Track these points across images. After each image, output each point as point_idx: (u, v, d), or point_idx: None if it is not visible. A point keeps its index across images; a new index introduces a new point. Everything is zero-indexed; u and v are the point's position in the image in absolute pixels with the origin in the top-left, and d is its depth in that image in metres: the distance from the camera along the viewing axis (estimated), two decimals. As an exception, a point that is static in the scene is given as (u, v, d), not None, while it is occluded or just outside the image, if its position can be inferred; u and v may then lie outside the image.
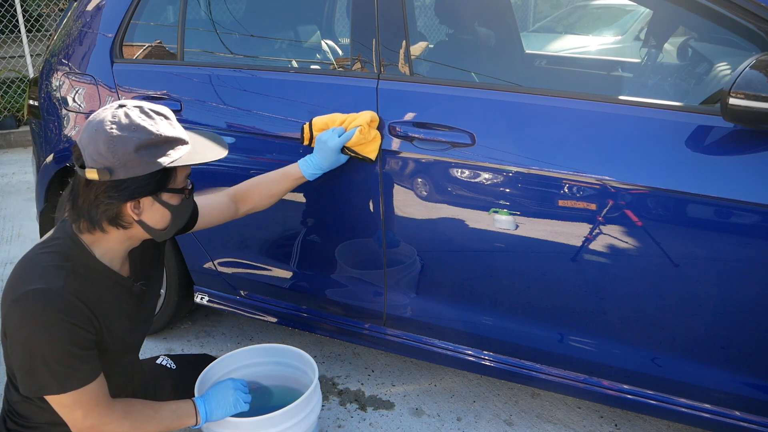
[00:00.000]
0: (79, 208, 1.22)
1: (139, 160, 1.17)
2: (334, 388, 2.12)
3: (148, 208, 1.25)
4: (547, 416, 1.97)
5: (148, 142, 1.18)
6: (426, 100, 1.64)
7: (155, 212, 1.26)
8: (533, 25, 7.00)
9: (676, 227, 1.41)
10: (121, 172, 1.17)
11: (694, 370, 1.52)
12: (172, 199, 1.28)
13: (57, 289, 1.17)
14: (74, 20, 2.31)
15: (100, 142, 1.16)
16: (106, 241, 1.28)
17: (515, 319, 1.69)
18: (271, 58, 2.18)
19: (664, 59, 2.35)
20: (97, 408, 1.24)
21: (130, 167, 1.17)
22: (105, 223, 1.23)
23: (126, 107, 1.21)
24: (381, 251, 1.79)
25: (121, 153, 1.16)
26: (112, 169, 1.16)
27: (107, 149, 1.16)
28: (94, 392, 1.23)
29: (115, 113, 1.19)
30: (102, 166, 1.16)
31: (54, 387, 1.19)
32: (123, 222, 1.24)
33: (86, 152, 1.17)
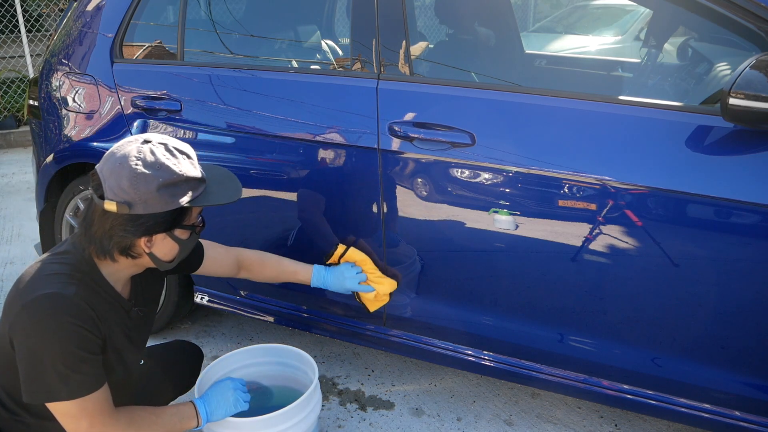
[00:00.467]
0: (92, 235, 1.25)
1: (160, 198, 1.20)
2: (334, 388, 2.12)
3: (160, 241, 1.29)
4: (547, 416, 1.97)
5: (170, 181, 1.21)
6: (426, 100, 1.64)
7: (165, 245, 1.30)
8: (533, 25, 6.99)
9: (676, 227, 1.41)
10: (140, 207, 1.20)
11: (694, 370, 1.52)
12: (183, 235, 1.32)
13: (70, 294, 1.19)
14: (74, 20, 2.31)
15: (123, 176, 1.18)
16: (115, 267, 1.31)
17: (515, 319, 1.69)
18: (271, 58, 2.18)
19: (664, 59, 2.34)
20: (101, 417, 1.24)
21: (150, 204, 1.20)
22: (116, 253, 1.26)
23: (151, 143, 1.23)
24: (381, 251, 1.79)
25: (143, 190, 1.19)
26: (132, 204, 1.19)
27: (130, 185, 1.18)
28: (100, 400, 1.23)
29: (140, 149, 1.22)
30: (122, 200, 1.18)
31: (62, 392, 1.18)
32: (133, 253, 1.28)
33: (107, 184, 1.19)
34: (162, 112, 2.00)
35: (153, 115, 2.02)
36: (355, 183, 1.75)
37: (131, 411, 1.33)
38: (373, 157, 1.69)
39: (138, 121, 2.06)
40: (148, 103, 2.02)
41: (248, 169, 1.89)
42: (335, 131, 1.73)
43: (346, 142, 1.72)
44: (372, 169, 1.70)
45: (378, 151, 1.68)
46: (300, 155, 1.81)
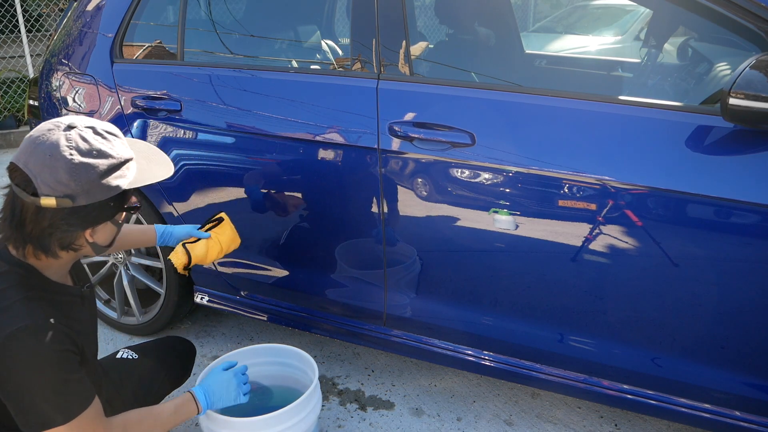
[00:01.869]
0: (26, 235, 1.15)
1: (102, 186, 1.14)
2: (334, 388, 2.12)
3: (102, 228, 1.22)
4: (547, 416, 1.97)
5: (111, 167, 1.15)
6: (426, 100, 1.64)
7: (106, 231, 1.24)
8: (533, 25, 6.99)
9: (676, 227, 1.41)
10: (83, 198, 1.12)
11: (694, 370, 1.52)
12: (121, 217, 1.26)
13: (41, 321, 1.14)
14: (74, 20, 2.31)
15: (59, 169, 1.10)
16: (56, 264, 1.24)
17: (515, 319, 1.69)
18: (271, 58, 2.18)
19: (664, 59, 2.34)
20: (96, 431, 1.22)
21: (92, 193, 1.13)
22: (58, 249, 1.18)
23: (77, 128, 1.15)
24: (381, 251, 1.79)
25: (84, 181, 1.12)
26: (74, 196, 1.11)
27: (69, 177, 1.10)
28: (92, 415, 1.21)
29: (69, 136, 1.13)
30: (62, 194, 1.10)
31: (58, 419, 1.16)
32: (76, 245, 1.21)
33: (40, 179, 1.10)
34: (162, 112, 2.00)
35: (153, 115, 2.02)
36: (355, 183, 1.75)
37: (125, 417, 1.31)
38: (373, 157, 1.69)
39: (138, 121, 2.06)
40: (148, 103, 2.02)
41: (248, 169, 1.89)
42: (335, 131, 1.73)
43: (346, 142, 1.72)
44: (372, 169, 1.70)
45: (378, 151, 1.68)
46: (300, 155, 1.81)
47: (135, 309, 2.36)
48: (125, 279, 2.36)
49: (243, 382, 1.51)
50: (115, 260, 2.37)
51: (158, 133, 2.02)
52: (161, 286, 2.29)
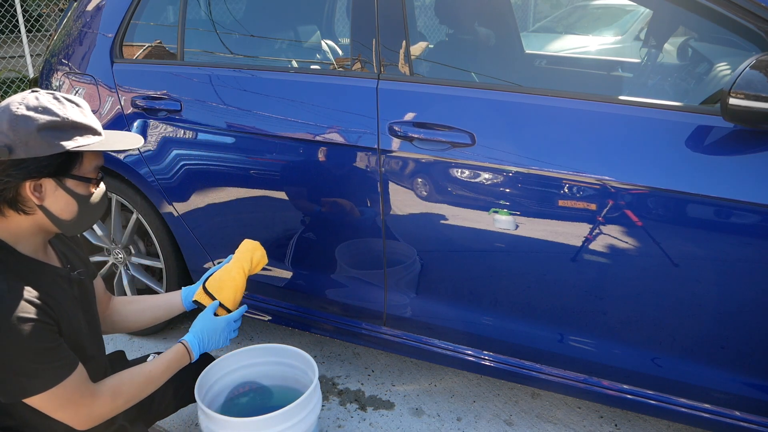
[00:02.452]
0: None
1: (42, 140, 1.16)
2: (334, 388, 2.12)
3: (51, 193, 1.21)
4: (547, 416, 1.97)
5: (52, 124, 1.17)
6: (426, 100, 1.64)
7: (59, 199, 1.23)
8: (533, 25, 6.99)
9: (676, 227, 1.41)
10: (22, 151, 1.14)
11: (694, 370, 1.52)
12: (78, 188, 1.24)
13: (4, 292, 1.14)
14: (74, 20, 2.31)
15: (3, 120, 1.15)
16: (18, 232, 1.24)
17: (515, 319, 1.69)
18: (271, 58, 2.18)
19: (664, 59, 2.35)
20: (83, 398, 1.22)
21: (32, 147, 1.15)
22: (5, 206, 1.19)
23: (38, 92, 1.21)
24: (381, 251, 1.79)
25: (23, 132, 1.14)
26: (12, 147, 1.14)
27: (9, 127, 1.14)
28: (77, 382, 1.21)
29: (25, 96, 1.19)
30: (2, 144, 1.14)
31: (36, 386, 1.16)
32: (24, 206, 1.20)
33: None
34: (162, 112, 2.00)
35: (153, 115, 2.02)
36: (355, 183, 1.75)
37: (115, 380, 1.31)
38: (373, 157, 1.69)
39: (138, 120, 2.06)
40: (148, 103, 2.02)
41: (248, 169, 1.89)
42: (335, 131, 1.73)
43: (346, 142, 1.72)
44: (372, 169, 1.70)
45: (378, 151, 1.68)
46: (300, 155, 1.81)
47: (135, 309, 2.36)
48: (125, 279, 2.36)
49: (233, 329, 1.53)
50: (115, 260, 2.37)
51: (158, 133, 2.02)
52: (161, 286, 2.29)
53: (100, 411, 1.27)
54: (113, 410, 1.30)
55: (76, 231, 1.31)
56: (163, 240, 2.17)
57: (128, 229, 2.28)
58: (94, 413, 1.26)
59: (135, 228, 2.28)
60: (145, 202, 2.15)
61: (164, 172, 2.04)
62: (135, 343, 2.38)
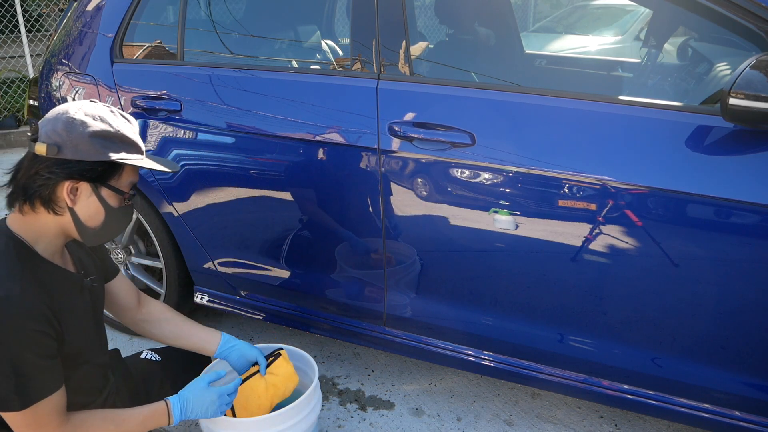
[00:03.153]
0: (17, 182, 1.23)
1: (91, 146, 1.20)
2: (334, 388, 2.12)
3: (85, 198, 1.24)
4: (547, 416, 1.97)
5: (105, 133, 1.22)
6: (426, 100, 1.64)
7: (90, 205, 1.25)
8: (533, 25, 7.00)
9: (676, 227, 1.41)
10: (69, 152, 1.19)
11: (694, 370, 1.52)
12: (110, 198, 1.27)
13: (17, 295, 1.14)
14: (74, 20, 2.31)
15: (60, 121, 1.20)
16: (41, 232, 1.25)
17: (515, 319, 1.69)
18: (271, 58, 2.18)
19: (664, 59, 2.35)
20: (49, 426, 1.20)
21: (80, 150, 1.20)
22: (38, 201, 1.22)
23: (96, 102, 1.27)
24: (381, 251, 1.79)
25: (76, 135, 1.19)
26: (62, 146, 1.19)
27: (64, 128, 1.19)
28: (50, 407, 1.19)
29: (84, 103, 1.26)
30: (53, 142, 1.18)
31: (15, 402, 1.14)
32: (56, 206, 1.23)
33: (44, 129, 1.20)
34: (162, 112, 2.00)
35: (153, 115, 2.02)
36: (355, 183, 1.75)
37: (86, 417, 1.27)
38: (373, 157, 1.69)
39: (138, 121, 2.05)
40: (148, 103, 2.02)
41: (248, 169, 1.89)
42: (335, 131, 1.73)
43: (346, 142, 1.72)
44: (372, 169, 1.70)
45: (378, 151, 1.68)
46: (300, 155, 1.81)
47: (135, 309, 2.36)
48: (125, 279, 2.36)
49: (225, 402, 1.43)
50: (115, 260, 2.37)
51: (158, 133, 2.02)
52: (161, 286, 2.29)
53: None
54: None
55: (94, 242, 1.31)
56: (163, 240, 2.18)
57: (128, 229, 2.28)
58: None
59: (135, 228, 2.28)
60: (145, 202, 2.15)
61: (164, 172, 2.04)
62: (135, 342, 2.38)
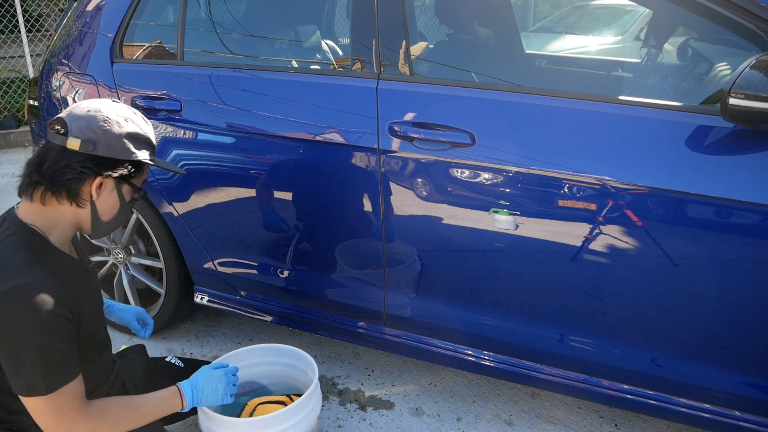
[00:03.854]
0: (42, 172, 1.25)
1: (123, 145, 1.28)
2: (334, 388, 2.12)
3: (107, 193, 1.31)
4: (547, 416, 1.97)
5: (135, 134, 1.31)
6: (426, 100, 1.64)
7: (109, 200, 1.33)
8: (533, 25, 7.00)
9: (676, 227, 1.41)
10: (103, 149, 1.25)
11: (694, 370, 1.52)
12: (127, 194, 1.36)
13: (39, 281, 1.17)
14: (74, 20, 2.31)
15: (95, 119, 1.25)
16: (57, 222, 1.29)
17: (515, 319, 1.69)
18: (271, 58, 2.18)
19: (664, 59, 2.35)
20: (71, 412, 1.22)
21: (113, 148, 1.26)
22: (64, 193, 1.26)
23: (120, 103, 1.36)
24: (381, 251, 1.79)
25: (111, 134, 1.26)
26: (97, 143, 1.24)
27: (99, 126, 1.25)
28: (72, 393, 1.21)
29: (110, 102, 1.33)
30: (88, 138, 1.24)
31: (41, 386, 1.17)
32: (80, 199, 1.28)
33: (76, 124, 1.24)
34: (162, 112, 2.00)
35: (153, 115, 2.02)
36: (355, 183, 1.75)
37: (105, 403, 1.31)
38: (373, 157, 1.69)
39: (138, 121, 2.05)
40: (148, 103, 2.02)
41: (248, 169, 1.89)
42: (335, 131, 1.73)
43: (346, 142, 1.72)
44: (372, 169, 1.70)
45: (378, 151, 1.68)
46: (300, 155, 1.81)
47: (135, 309, 2.36)
48: (125, 279, 2.36)
49: (232, 383, 1.50)
50: (115, 260, 2.37)
51: (158, 133, 2.02)
52: (161, 286, 2.29)
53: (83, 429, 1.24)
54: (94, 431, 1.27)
55: (101, 234, 1.38)
56: (163, 240, 2.18)
57: (128, 229, 2.28)
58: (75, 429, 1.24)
59: (135, 228, 2.28)
60: (145, 202, 2.15)
61: (164, 172, 2.04)
62: (135, 342, 2.38)
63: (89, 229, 1.34)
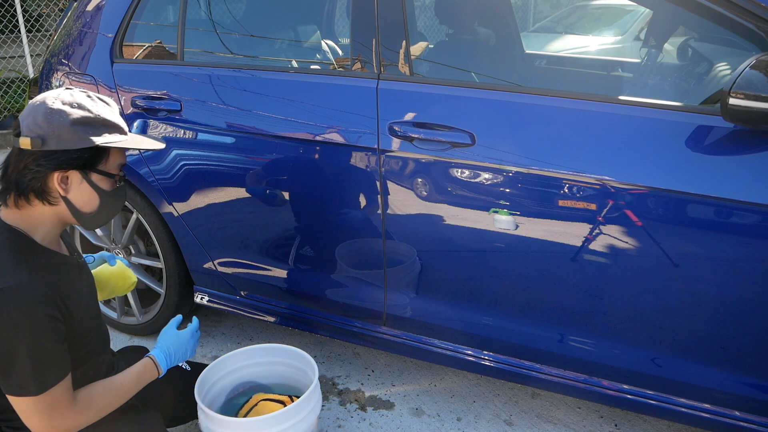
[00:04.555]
0: (8, 177, 1.24)
1: (74, 134, 1.21)
2: (334, 388, 2.12)
3: (76, 186, 1.26)
4: (547, 416, 1.97)
5: (85, 119, 1.23)
6: (426, 100, 1.64)
7: (83, 192, 1.27)
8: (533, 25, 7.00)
9: (676, 227, 1.41)
10: (53, 142, 1.20)
11: (694, 370, 1.52)
12: (101, 183, 1.29)
13: (25, 283, 1.16)
14: (74, 20, 2.31)
15: (39, 113, 1.21)
16: (39, 222, 1.27)
17: (515, 319, 1.69)
18: (271, 58, 2.18)
19: (664, 59, 2.35)
20: (61, 408, 1.22)
21: (63, 139, 1.21)
22: (32, 194, 1.24)
23: (72, 89, 1.28)
24: (381, 251, 1.79)
25: (57, 124, 1.20)
26: (45, 138, 1.20)
27: (44, 120, 1.20)
28: (62, 390, 1.22)
29: (60, 92, 1.26)
30: (36, 134, 1.20)
31: (32, 387, 1.17)
32: (50, 197, 1.25)
33: (24, 123, 1.21)
34: (162, 112, 2.00)
35: (153, 115, 2.02)
36: (355, 183, 1.75)
37: (89, 391, 1.31)
38: (373, 157, 1.69)
39: (138, 121, 2.06)
40: (148, 103, 2.02)
41: (248, 169, 1.89)
42: (335, 131, 1.73)
43: (346, 142, 1.72)
44: (372, 169, 1.70)
45: (378, 151, 1.68)
46: (300, 155, 1.81)
47: (135, 309, 2.36)
48: (125, 279, 2.36)
49: (196, 338, 1.55)
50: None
51: (158, 133, 2.02)
52: (161, 286, 2.29)
53: (73, 422, 1.25)
54: (85, 421, 1.29)
55: (94, 225, 1.34)
56: (163, 240, 2.18)
57: (128, 229, 2.28)
58: (65, 424, 1.24)
59: (135, 228, 2.28)
60: (145, 202, 2.15)
61: (164, 172, 2.04)
62: (135, 342, 2.38)
63: (77, 223, 1.31)
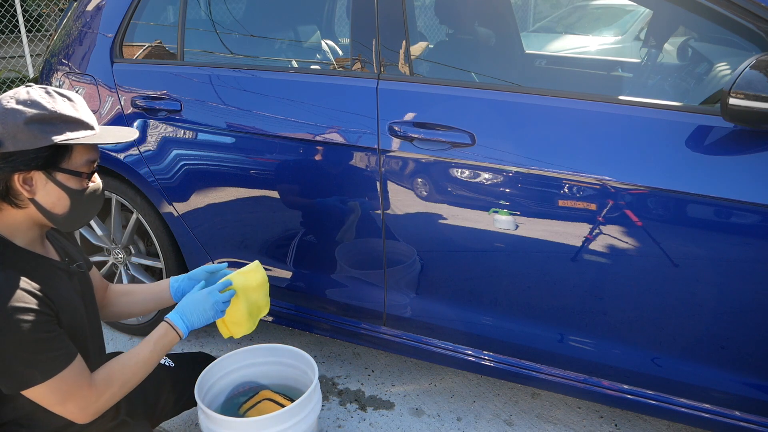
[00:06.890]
0: None
1: (29, 133, 1.17)
2: (334, 388, 2.12)
3: (42, 187, 1.22)
4: (547, 416, 1.97)
5: (39, 117, 1.18)
6: (426, 100, 1.64)
7: (50, 193, 1.23)
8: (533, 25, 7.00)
9: (676, 227, 1.41)
10: (10, 144, 1.16)
11: (694, 370, 1.52)
12: (69, 182, 1.24)
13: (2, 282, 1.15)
14: (74, 20, 2.31)
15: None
16: (14, 226, 1.25)
17: (515, 319, 1.69)
18: (271, 58, 2.18)
19: (664, 59, 2.35)
20: (81, 390, 1.22)
21: (19, 140, 1.16)
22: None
23: (31, 87, 1.22)
24: (381, 251, 1.79)
25: (11, 125, 1.16)
26: (1, 140, 1.16)
27: None
28: (74, 373, 1.21)
29: (17, 90, 1.21)
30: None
31: (36, 377, 1.16)
32: (17, 200, 1.22)
33: None
34: (162, 112, 2.00)
35: (153, 115, 2.02)
36: (355, 183, 1.75)
37: (108, 369, 1.30)
38: (373, 157, 1.69)
39: (138, 120, 2.06)
40: (148, 103, 2.02)
41: (248, 169, 1.89)
42: (335, 131, 1.73)
43: (346, 142, 1.72)
44: (372, 169, 1.70)
45: (378, 151, 1.68)
46: (300, 155, 1.81)
47: (135, 309, 2.36)
48: (125, 279, 2.36)
49: (222, 300, 1.46)
50: (115, 260, 2.37)
51: (158, 133, 2.02)
52: (161, 286, 2.29)
53: (99, 401, 1.26)
54: (111, 398, 1.28)
55: (70, 227, 1.30)
56: (163, 240, 2.18)
57: (128, 229, 2.28)
58: (92, 405, 1.24)
59: (135, 228, 2.28)
60: (145, 202, 2.15)
61: (164, 172, 2.04)
62: (135, 342, 2.38)
63: (53, 225, 1.27)
